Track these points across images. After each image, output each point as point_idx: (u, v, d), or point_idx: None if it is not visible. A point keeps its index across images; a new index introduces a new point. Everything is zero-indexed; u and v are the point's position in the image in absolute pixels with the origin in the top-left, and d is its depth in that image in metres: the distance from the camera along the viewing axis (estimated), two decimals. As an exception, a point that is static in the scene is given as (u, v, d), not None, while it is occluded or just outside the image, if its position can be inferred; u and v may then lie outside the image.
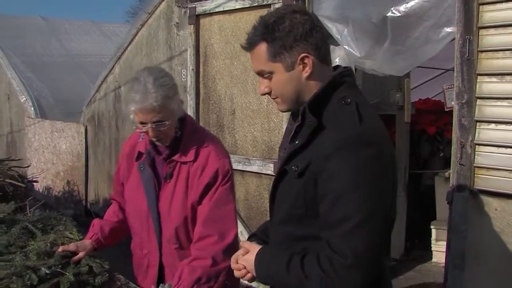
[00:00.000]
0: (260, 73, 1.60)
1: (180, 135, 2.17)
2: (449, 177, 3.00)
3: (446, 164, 4.49)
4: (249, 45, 1.58)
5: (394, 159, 1.59)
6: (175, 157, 2.15)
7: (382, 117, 1.66)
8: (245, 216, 4.46)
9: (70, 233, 2.49)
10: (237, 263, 1.70)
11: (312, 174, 1.50)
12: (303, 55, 1.52)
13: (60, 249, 2.21)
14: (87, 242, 2.30)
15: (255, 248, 1.67)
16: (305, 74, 1.55)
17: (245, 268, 1.68)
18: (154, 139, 2.10)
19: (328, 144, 1.48)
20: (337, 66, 1.66)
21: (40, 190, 8.20)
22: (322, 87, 1.55)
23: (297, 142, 1.56)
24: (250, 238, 1.87)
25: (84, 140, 7.02)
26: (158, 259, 2.24)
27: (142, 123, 2.05)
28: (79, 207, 7.09)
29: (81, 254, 2.22)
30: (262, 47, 1.55)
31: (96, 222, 2.42)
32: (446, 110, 4.92)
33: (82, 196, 7.08)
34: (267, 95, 1.63)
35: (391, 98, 4.80)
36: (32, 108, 8.49)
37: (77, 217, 6.25)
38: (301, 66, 1.54)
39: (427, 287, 4.19)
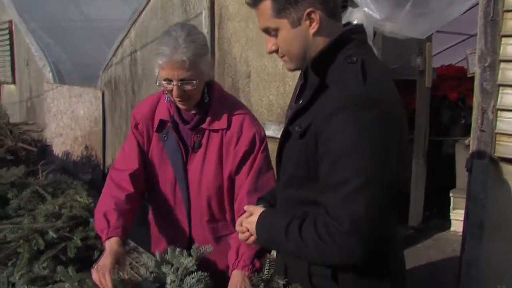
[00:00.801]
0: (266, 30, 1.53)
1: (209, 101, 2.04)
2: (469, 144, 2.90)
3: (467, 131, 4.35)
4: (254, 1, 1.50)
5: (404, 122, 1.51)
6: (204, 125, 2.03)
7: (402, 83, 1.58)
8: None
9: (80, 197, 2.47)
10: (241, 225, 1.67)
11: (313, 135, 1.44)
12: (309, 9, 1.44)
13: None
14: (119, 250, 1.89)
15: (258, 211, 1.63)
16: (312, 30, 1.47)
17: (248, 231, 1.64)
18: (177, 100, 1.95)
19: (330, 104, 1.41)
20: (349, 23, 1.57)
21: (59, 155, 8.27)
22: (328, 44, 1.47)
23: (300, 102, 1.49)
24: (258, 202, 1.83)
25: (101, 105, 7.00)
26: (187, 233, 2.15)
27: (167, 79, 1.91)
28: (96, 172, 7.12)
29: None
30: (267, 3, 1.47)
31: (111, 218, 1.96)
32: (469, 75, 4.75)
33: (99, 160, 7.11)
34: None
35: (412, 62, 4.65)
36: (51, 74, 8.48)
37: (95, 182, 6.30)
38: (307, 22, 1.46)
39: None
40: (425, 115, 4.78)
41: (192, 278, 1.69)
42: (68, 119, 8.01)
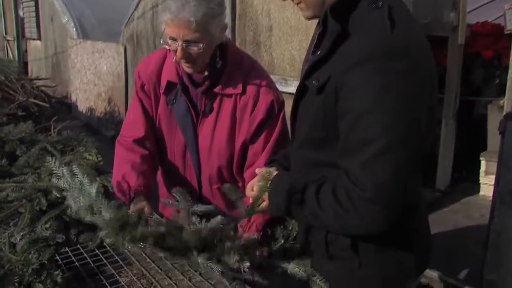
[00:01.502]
0: None
1: (222, 65, 1.87)
2: (504, 105, 2.71)
3: (501, 92, 4.15)
4: None
5: (435, 76, 1.34)
6: (217, 89, 1.87)
7: (434, 39, 1.40)
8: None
9: (89, 154, 2.38)
10: (253, 190, 1.54)
11: (332, 90, 1.28)
12: None
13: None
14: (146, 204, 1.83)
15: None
16: None
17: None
18: (182, 61, 1.80)
19: (351, 54, 1.24)
20: None
21: (84, 111, 8.27)
22: None
23: (318, 53, 1.33)
24: (270, 164, 1.69)
25: (123, 60, 6.90)
26: (196, 200, 2.01)
27: (172, 38, 1.75)
28: (119, 128, 7.08)
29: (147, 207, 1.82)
30: None
31: (132, 182, 1.89)
32: (506, 32, 4.48)
33: (122, 116, 7.05)
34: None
35: (445, 18, 4.39)
36: (74, 29, 8.40)
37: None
38: None
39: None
40: (457, 73, 4.55)
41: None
42: (92, 75, 7.95)
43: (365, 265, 1.42)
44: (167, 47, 1.80)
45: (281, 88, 4.30)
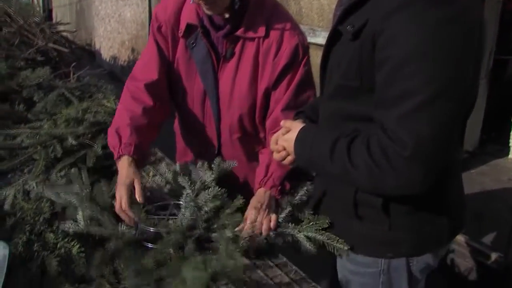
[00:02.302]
0: None
1: (241, 7, 1.74)
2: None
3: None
4: None
5: (484, 27, 1.21)
6: (239, 32, 1.75)
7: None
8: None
9: (108, 101, 2.30)
10: (277, 144, 1.45)
11: (369, 36, 1.16)
12: None
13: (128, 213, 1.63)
14: (131, 171, 1.68)
15: (297, 127, 1.39)
16: None
17: (285, 149, 1.42)
18: (202, 3, 1.67)
19: None
20: None
21: (107, 60, 8.20)
22: None
23: None
24: (296, 116, 1.59)
25: (147, 8, 6.76)
26: (215, 149, 1.95)
27: None
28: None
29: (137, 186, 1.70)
30: None
31: (124, 136, 1.75)
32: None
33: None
34: None
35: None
36: (98, -26, 8.25)
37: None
38: None
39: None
40: (493, 30, 4.33)
41: (208, 194, 1.56)
42: (116, 23, 7.83)
43: (395, 227, 1.34)
44: None
45: (309, 39, 4.16)
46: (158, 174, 1.82)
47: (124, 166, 1.66)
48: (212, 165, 1.71)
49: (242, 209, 1.57)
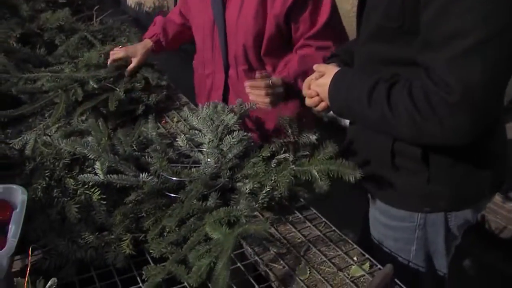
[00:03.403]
0: None
1: None
2: None
3: None
4: None
5: None
6: None
7: None
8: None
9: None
10: (309, 89, 1.37)
11: None
12: None
13: (110, 58, 1.97)
14: (140, 47, 2.07)
15: (332, 70, 1.30)
16: None
17: (318, 95, 1.34)
18: None
19: None
20: None
21: (132, 6, 8.06)
22: None
23: None
24: (329, 59, 1.50)
25: (173, -48, 6.56)
26: (223, 81, 1.94)
27: None
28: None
29: (133, 63, 2.00)
30: None
31: (158, 20, 2.16)
32: None
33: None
34: None
35: None
36: None
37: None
38: None
39: None
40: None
41: (233, 138, 1.49)
42: (142, -33, 7.65)
43: (435, 180, 1.28)
44: None
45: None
46: (182, 119, 1.78)
47: (142, 44, 2.07)
48: (234, 107, 1.67)
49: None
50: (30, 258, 1.08)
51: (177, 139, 1.60)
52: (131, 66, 2.00)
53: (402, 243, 1.41)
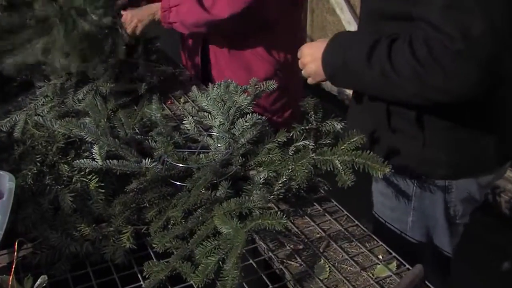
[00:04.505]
0: None
1: None
2: None
3: None
4: None
5: None
6: None
7: None
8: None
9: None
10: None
11: None
12: None
13: None
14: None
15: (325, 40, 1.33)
16: None
17: (311, 60, 1.37)
18: None
19: None
20: None
21: None
22: None
23: None
24: None
25: None
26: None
27: None
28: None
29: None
30: None
31: None
32: None
33: None
34: None
35: None
36: None
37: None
38: None
39: None
40: None
41: (246, 121, 1.47)
42: None
43: (430, 145, 1.30)
44: None
45: None
46: (189, 100, 1.78)
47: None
48: (248, 87, 1.62)
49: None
50: (16, 253, 1.05)
51: (184, 122, 1.57)
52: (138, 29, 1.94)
53: (398, 212, 1.43)
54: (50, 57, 1.66)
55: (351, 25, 3.96)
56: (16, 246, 1.05)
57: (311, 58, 1.36)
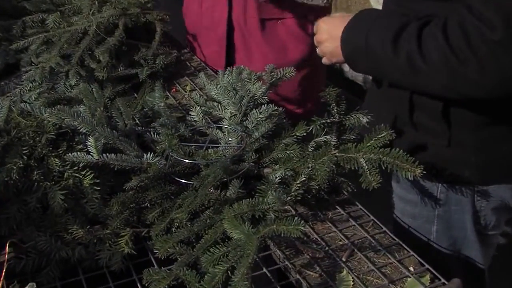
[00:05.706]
0: None
1: None
2: None
3: None
4: None
5: None
6: None
7: None
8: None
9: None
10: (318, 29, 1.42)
11: None
12: None
13: None
14: None
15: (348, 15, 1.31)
16: None
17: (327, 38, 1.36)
18: None
19: None
20: None
21: None
22: None
23: None
24: None
25: None
26: (226, 15, 1.94)
27: None
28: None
29: None
30: None
31: None
32: None
33: None
34: None
35: None
36: None
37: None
38: None
39: None
40: None
41: (260, 113, 1.45)
42: None
43: (457, 144, 1.27)
44: None
45: None
46: (197, 88, 1.77)
47: None
48: (263, 74, 1.60)
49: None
50: (6, 255, 1.05)
51: (190, 112, 1.56)
52: None
53: (421, 221, 1.42)
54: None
55: (380, 5, 3.95)
56: (6, 248, 1.05)
57: (328, 35, 1.35)
